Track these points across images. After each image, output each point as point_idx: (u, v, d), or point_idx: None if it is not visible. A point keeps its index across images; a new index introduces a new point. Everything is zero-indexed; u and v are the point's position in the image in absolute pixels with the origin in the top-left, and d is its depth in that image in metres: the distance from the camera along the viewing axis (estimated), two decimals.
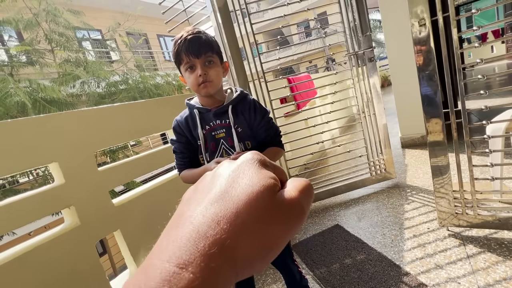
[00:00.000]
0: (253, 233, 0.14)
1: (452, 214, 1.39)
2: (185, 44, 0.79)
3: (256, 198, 0.15)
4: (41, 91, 4.70)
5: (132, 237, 1.17)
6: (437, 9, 1.18)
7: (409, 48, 2.58)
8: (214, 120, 0.89)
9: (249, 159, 0.18)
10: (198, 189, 0.18)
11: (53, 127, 0.99)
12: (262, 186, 0.16)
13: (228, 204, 0.15)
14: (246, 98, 0.92)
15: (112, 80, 6.16)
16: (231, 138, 0.88)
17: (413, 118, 2.80)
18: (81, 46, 6.72)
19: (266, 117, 0.93)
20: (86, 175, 1.06)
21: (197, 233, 0.14)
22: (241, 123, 0.89)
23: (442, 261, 1.25)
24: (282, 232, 0.15)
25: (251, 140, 0.91)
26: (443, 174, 1.37)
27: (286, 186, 0.18)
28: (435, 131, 1.33)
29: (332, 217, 1.90)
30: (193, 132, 0.91)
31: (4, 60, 5.29)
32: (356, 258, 1.41)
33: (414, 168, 2.33)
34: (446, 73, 1.24)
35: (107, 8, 8.55)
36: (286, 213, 0.16)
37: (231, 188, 0.16)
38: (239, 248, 0.14)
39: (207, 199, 0.16)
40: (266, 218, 0.15)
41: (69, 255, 0.96)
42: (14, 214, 0.87)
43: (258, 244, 0.14)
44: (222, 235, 0.14)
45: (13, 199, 0.89)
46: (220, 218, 0.14)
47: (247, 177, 0.16)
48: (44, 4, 5.29)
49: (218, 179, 0.17)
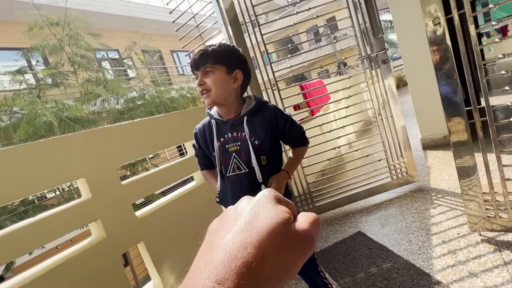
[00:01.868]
0: (273, 258, 0.17)
1: (483, 218, 1.31)
2: (192, 59, 0.84)
3: (275, 228, 0.18)
4: (65, 110, 4.98)
5: (155, 249, 1.20)
6: (452, 6, 1.16)
7: (423, 47, 2.52)
8: (230, 132, 0.89)
9: (266, 195, 0.21)
10: (223, 221, 0.21)
11: (80, 144, 1.05)
12: (280, 219, 0.19)
13: (252, 233, 0.18)
14: (265, 106, 0.91)
15: (130, 96, 6.43)
16: (245, 152, 0.87)
17: (433, 118, 2.70)
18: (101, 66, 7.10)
19: (289, 122, 0.92)
20: (110, 189, 1.10)
21: (229, 256, 0.16)
22: (258, 134, 0.87)
23: (476, 269, 1.17)
24: (296, 257, 0.18)
25: (266, 153, 0.89)
26: (471, 175, 1.30)
27: (297, 219, 0.21)
28: (458, 130, 1.28)
29: (354, 224, 1.85)
30: (208, 142, 0.92)
31: (33, 83, 5.68)
32: (382, 267, 1.36)
33: (438, 170, 2.24)
34: (466, 70, 1.20)
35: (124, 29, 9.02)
36: (299, 242, 0.19)
37: (254, 220, 0.19)
38: (263, 269, 0.16)
39: (234, 229, 0.19)
40: (283, 245, 0.18)
41: (97, 267, 1.00)
42: (47, 228, 0.92)
43: (277, 267, 0.17)
44: (249, 258, 0.16)
45: (46, 214, 0.94)
46: (247, 244, 0.17)
47: (267, 211, 0.20)
48: (67, 29, 5.67)
49: (242, 212, 0.20)
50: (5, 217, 4.42)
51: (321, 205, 2.11)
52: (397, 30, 2.70)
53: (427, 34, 1.24)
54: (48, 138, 1.01)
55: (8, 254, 0.84)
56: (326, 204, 2.11)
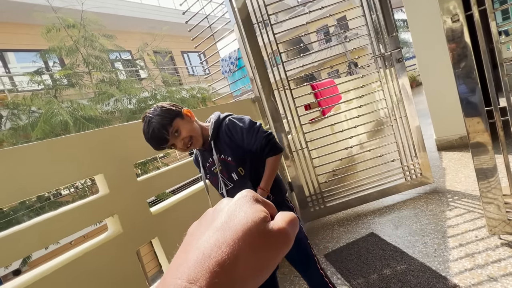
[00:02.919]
0: (248, 256, 0.17)
1: (503, 221, 1.26)
2: (154, 143, 0.88)
3: (250, 227, 0.18)
4: (80, 110, 5.12)
5: (169, 244, 1.21)
6: (472, 3, 1.13)
7: (439, 46, 2.46)
8: (210, 157, 1.00)
9: (244, 195, 0.22)
10: (201, 223, 0.21)
11: (98, 141, 1.08)
12: (256, 218, 0.19)
13: (228, 233, 0.18)
14: (221, 124, 0.98)
15: (142, 97, 6.55)
16: (225, 171, 0.99)
17: (449, 119, 2.63)
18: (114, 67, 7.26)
19: (245, 131, 0.95)
20: (127, 185, 1.13)
21: (203, 255, 0.17)
22: (227, 152, 0.97)
23: (496, 273, 1.14)
24: (271, 255, 0.18)
25: (242, 165, 0.97)
26: (490, 177, 1.26)
27: (275, 218, 0.21)
28: (477, 131, 1.24)
29: (366, 225, 1.82)
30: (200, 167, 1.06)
31: (49, 84, 5.87)
32: (396, 269, 1.33)
33: (453, 172, 2.18)
34: (486, 68, 1.16)
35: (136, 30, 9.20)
36: (275, 240, 0.19)
37: (230, 220, 0.19)
38: (236, 268, 0.17)
39: (210, 229, 0.19)
40: (258, 243, 0.18)
41: (114, 261, 1.02)
42: (66, 222, 0.95)
43: (252, 265, 0.17)
44: (223, 257, 0.17)
45: (66, 208, 0.97)
46: (221, 243, 0.17)
47: (243, 211, 0.20)
48: (83, 31, 5.83)
49: (219, 213, 0.21)
50: (22, 212, 4.58)
51: (333, 205, 2.09)
52: (411, 29, 2.65)
53: (445, 32, 1.21)
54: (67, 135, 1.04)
55: (28, 248, 0.87)
56: (337, 204, 2.09)
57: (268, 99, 1.96)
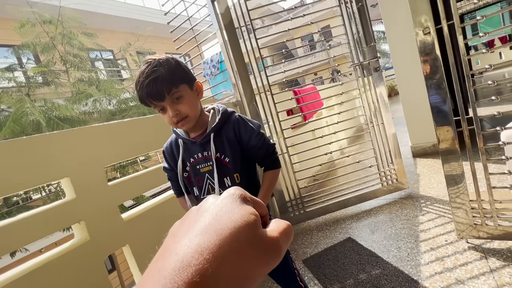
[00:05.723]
0: (232, 264, 0.15)
1: (470, 225, 1.32)
2: (146, 90, 0.71)
3: (237, 232, 0.16)
4: (55, 109, 4.88)
5: (141, 253, 1.16)
6: (441, 17, 1.19)
7: (415, 57, 2.58)
8: (200, 151, 0.83)
9: (231, 194, 0.20)
10: (184, 223, 0.19)
11: (65, 143, 1.02)
12: (244, 222, 0.17)
13: (211, 237, 0.16)
14: (230, 118, 0.85)
15: (123, 97, 6.35)
16: (218, 173, 0.81)
17: (423, 127, 2.75)
18: (94, 66, 7.01)
19: (255, 134, 0.84)
20: (96, 190, 1.07)
21: (181, 263, 0.15)
22: (226, 151, 0.82)
23: (463, 276, 1.18)
24: (259, 266, 0.17)
25: (240, 171, 0.83)
26: (458, 183, 1.32)
27: (269, 225, 0.19)
28: (446, 139, 1.30)
29: (344, 230, 1.84)
30: (177, 161, 0.86)
31: (22, 81, 5.55)
32: (371, 273, 1.35)
33: (427, 178, 2.27)
34: (454, 80, 1.23)
35: (119, 30, 8.97)
36: (264, 250, 0.17)
37: (214, 222, 0.17)
38: (219, 277, 0.15)
39: (192, 231, 0.17)
40: (246, 251, 0.16)
41: (79, 270, 0.96)
42: (27, 229, 0.88)
43: (236, 275, 0.15)
44: (205, 264, 0.15)
45: (26, 214, 0.90)
46: (204, 249, 0.15)
47: (229, 212, 0.18)
48: (60, 28, 5.59)
49: (203, 213, 0.18)
50: None
51: (312, 210, 2.10)
52: (389, 40, 2.76)
53: (418, 44, 1.27)
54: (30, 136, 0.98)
55: None
56: (317, 209, 2.10)
57: (250, 103, 1.96)
